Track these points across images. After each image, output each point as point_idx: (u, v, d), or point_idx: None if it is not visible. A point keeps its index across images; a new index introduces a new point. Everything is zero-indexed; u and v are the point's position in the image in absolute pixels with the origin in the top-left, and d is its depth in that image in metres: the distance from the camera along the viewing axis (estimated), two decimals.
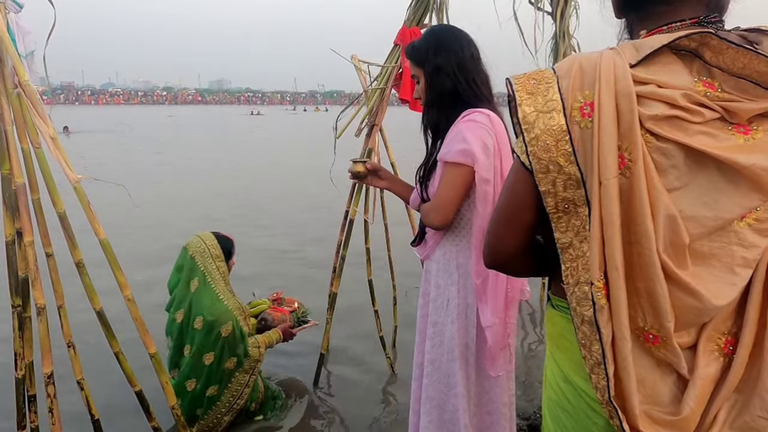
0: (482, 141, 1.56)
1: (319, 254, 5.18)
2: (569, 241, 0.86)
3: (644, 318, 0.83)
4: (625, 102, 0.78)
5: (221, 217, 7.17)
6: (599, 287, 0.81)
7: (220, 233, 2.60)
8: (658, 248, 0.78)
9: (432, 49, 1.66)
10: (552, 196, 0.85)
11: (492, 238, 0.97)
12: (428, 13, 2.61)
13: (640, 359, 0.85)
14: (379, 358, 3.22)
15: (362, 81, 2.74)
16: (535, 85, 0.86)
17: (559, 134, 0.82)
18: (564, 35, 3.60)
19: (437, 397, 1.75)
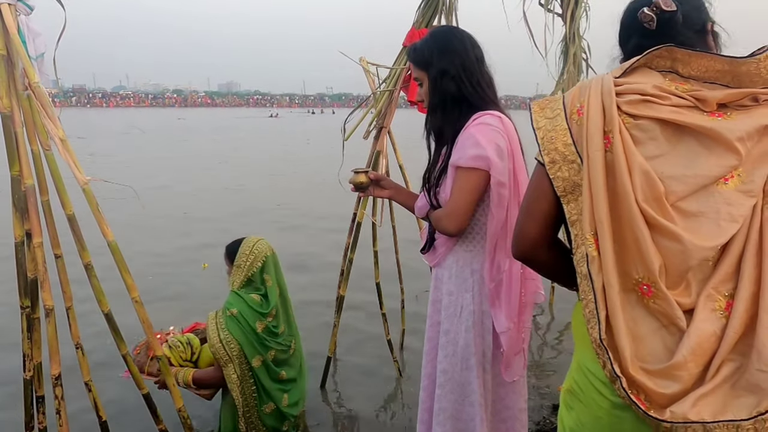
0: (496, 144, 1.54)
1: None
2: (576, 217, 1.02)
3: (637, 269, 0.93)
4: (608, 98, 0.99)
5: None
6: (591, 241, 0.96)
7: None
8: (637, 199, 0.92)
9: (436, 51, 1.62)
10: (560, 180, 1.04)
11: (517, 228, 1.12)
12: (437, 15, 2.60)
13: (643, 319, 0.94)
14: (387, 361, 3.20)
15: (371, 83, 2.73)
16: (547, 102, 1.11)
17: (562, 131, 1.04)
18: (574, 37, 3.58)
19: (451, 408, 1.71)
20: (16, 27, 1.77)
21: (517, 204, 1.56)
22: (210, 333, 2.26)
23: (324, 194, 8.52)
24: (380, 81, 2.74)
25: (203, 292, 4.39)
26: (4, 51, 1.78)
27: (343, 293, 2.92)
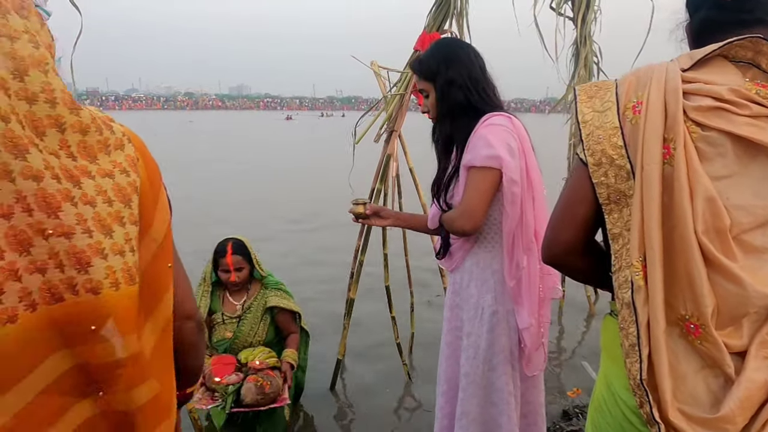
0: (507, 143, 1.55)
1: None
2: (619, 231, 0.91)
3: (684, 304, 0.83)
4: (672, 97, 0.84)
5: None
6: (638, 268, 0.85)
7: (236, 240, 2.60)
8: (696, 229, 0.80)
9: (443, 62, 1.66)
10: (604, 187, 0.91)
11: (550, 232, 1.02)
12: (448, 19, 2.61)
13: (686, 355, 0.85)
14: (396, 364, 3.20)
15: (381, 87, 2.74)
16: (596, 90, 0.95)
17: (611, 130, 0.89)
18: (585, 40, 3.56)
19: (474, 411, 1.71)
20: None
21: (531, 201, 1.59)
22: (293, 305, 2.65)
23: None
24: (391, 85, 2.75)
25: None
26: None
27: (353, 296, 2.92)
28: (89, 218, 0.96)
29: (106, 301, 0.95)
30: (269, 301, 2.60)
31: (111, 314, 0.97)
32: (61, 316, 0.91)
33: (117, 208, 1.00)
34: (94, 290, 0.94)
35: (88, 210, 0.94)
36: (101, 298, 0.94)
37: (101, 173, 0.99)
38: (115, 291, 0.96)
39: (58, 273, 0.90)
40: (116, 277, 0.97)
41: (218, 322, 2.54)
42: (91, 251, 0.94)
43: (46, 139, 0.91)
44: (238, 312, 2.57)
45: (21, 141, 0.87)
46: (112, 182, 1.01)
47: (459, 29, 2.62)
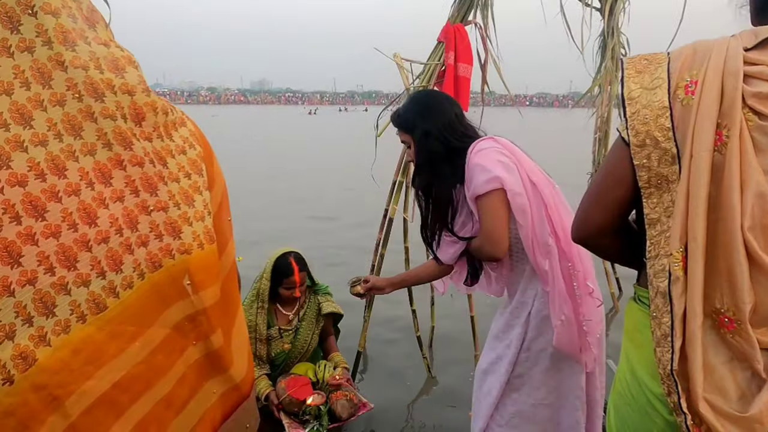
0: (499, 161, 1.61)
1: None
2: (657, 216, 0.87)
3: (721, 298, 0.81)
4: (731, 80, 0.78)
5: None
6: (677, 258, 0.82)
7: (296, 254, 2.53)
8: (742, 224, 0.77)
9: (419, 115, 1.74)
10: (645, 170, 0.86)
11: (582, 213, 0.99)
12: (473, 10, 2.57)
13: (715, 347, 0.83)
14: (416, 358, 3.20)
15: (404, 79, 2.73)
16: (647, 64, 0.88)
17: (660, 109, 0.83)
18: (613, 32, 3.48)
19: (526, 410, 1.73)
20: None
21: (542, 207, 1.61)
22: (340, 309, 2.69)
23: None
24: (414, 77, 2.73)
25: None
26: None
27: None
28: (176, 193, 1.15)
29: (197, 259, 1.16)
30: (324, 308, 2.59)
31: (199, 269, 1.17)
32: (162, 278, 1.11)
33: (194, 179, 1.20)
34: (187, 251, 1.14)
35: (174, 186, 1.14)
36: (192, 257, 1.15)
37: (178, 150, 1.18)
38: (201, 251, 1.17)
39: (158, 242, 1.10)
40: (201, 240, 1.18)
41: (274, 337, 2.50)
42: (181, 220, 1.13)
43: (144, 124, 1.10)
44: (294, 322, 2.54)
45: (126, 134, 1.06)
46: (186, 158, 1.20)
47: (483, 20, 2.59)
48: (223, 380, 1.30)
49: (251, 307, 2.46)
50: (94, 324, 0.99)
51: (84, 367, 0.98)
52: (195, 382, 1.21)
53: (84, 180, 0.99)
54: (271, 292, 2.47)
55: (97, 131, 1.01)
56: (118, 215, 1.03)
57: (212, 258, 1.21)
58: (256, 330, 2.43)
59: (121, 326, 1.03)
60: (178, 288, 1.12)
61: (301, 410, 2.31)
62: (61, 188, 0.95)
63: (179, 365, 1.16)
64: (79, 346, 0.97)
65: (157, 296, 1.09)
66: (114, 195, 1.03)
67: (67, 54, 0.98)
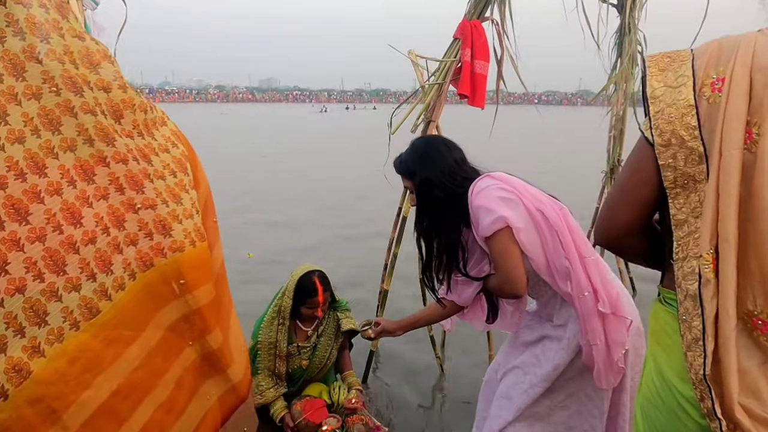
0: (499, 198, 1.60)
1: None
2: (684, 217, 0.85)
3: (754, 300, 0.79)
4: (760, 76, 0.76)
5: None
6: (708, 260, 0.79)
7: (320, 273, 2.45)
8: None
9: (418, 162, 1.76)
10: (671, 170, 0.84)
11: (607, 212, 0.97)
12: (489, 6, 2.54)
13: (747, 349, 0.81)
14: (429, 356, 3.18)
15: (419, 76, 2.70)
16: (669, 62, 0.86)
17: (686, 108, 0.81)
18: (629, 28, 3.43)
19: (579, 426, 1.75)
20: (83, 21, 1.82)
21: (553, 234, 1.60)
22: (357, 325, 2.53)
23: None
24: (429, 74, 2.70)
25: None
26: None
27: (387, 287, 2.91)
28: (163, 191, 1.11)
29: (189, 257, 1.13)
30: (343, 325, 2.55)
31: (193, 268, 1.14)
32: (154, 278, 1.08)
33: (180, 177, 1.18)
34: (180, 249, 1.11)
35: (160, 184, 1.11)
36: (185, 255, 1.12)
37: (161, 148, 1.15)
38: (194, 248, 1.15)
39: (148, 241, 1.06)
40: (192, 237, 1.15)
41: (293, 354, 2.46)
42: (171, 218, 1.10)
43: (123, 122, 1.06)
44: (312, 339, 2.50)
45: (108, 130, 1.01)
46: (170, 156, 1.17)
47: (501, 17, 2.56)
48: (220, 381, 1.27)
49: (272, 323, 2.42)
50: (89, 330, 0.95)
51: (81, 377, 0.94)
52: (193, 384, 1.19)
53: (65, 178, 0.94)
54: (293, 310, 2.42)
55: (77, 126, 0.96)
56: (104, 214, 0.99)
57: (205, 256, 1.19)
58: (277, 347, 2.40)
59: (116, 331, 1.00)
60: (172, 287, 1.10)
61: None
62: (43, 188, 0.91)
63: (176, 367, 1.14)
64: (75, 354, 0.93)
65: (149, 297, 1.07)
66: (98, 193, 0.99)
67: (41, 46, 0.93)
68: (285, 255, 5.35)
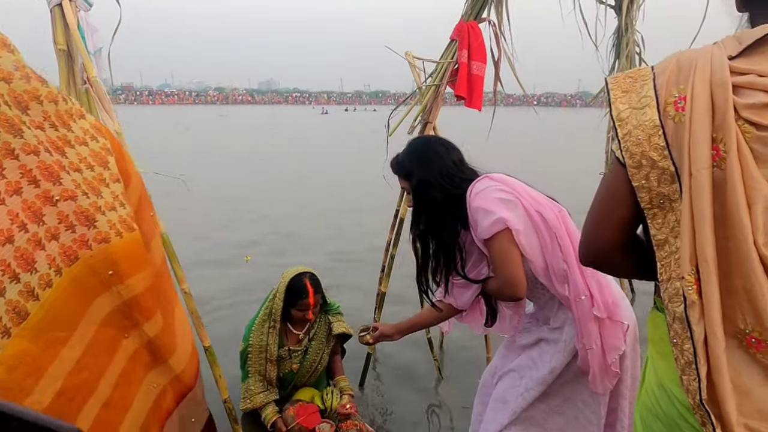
0: (498, 199, 1.59)
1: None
2: (665, 237, 0.84)
3: (744, 319, 0.77)
4: (720, 92, 0.75)
5: None
6: (690, 281, 0.78)
7: (311, 275, 2.43)
8: (756, 241, 0.73)
9: (415, 163, 1.74)
10: (646, 191, 0.83)
11: (588, 234, 0.96)
12: (486, 7, 2.53)
13: (747, 368, 0.78)
14: (426, 360, 3.16)
15: (416, 78, 2.69)
16: (631, 83, 0.86)
17: (652, 129, 0.80)
18: (627, 29, 3.43)
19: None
20: (77, 23, 1.81)
21: (552, 237, 1.59)
22: (350, 329, 2.57)
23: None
24: (426, 76, 2.70)
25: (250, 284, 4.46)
26: (65, 46, 1.83)
27: (384, 290, 2.90)
28: (81, 183, 1.08)
29: (116, 248, 1.10)
30: (335, 328, 2.53)
31: (122, 258, 1.11)
32: (81, 271, 1.04)
33: (98, 171, 1.14)
34: (105, 240, 1.07)
35: (77, 176, 1.07)
36: (112, 246, 1.09)
37: (78, 141, 1.12)
38: (120, 239, 1.12)
39: (71, 234, 1.02)
40: (118, 228, 1.12)
41: (284, 357, 2.44)
42: (93, 209, 1.07)
43: (30, 113, 1.01)
44: (304, 342, 2.48)
45: (14, 121, 0.95)
46: (88, 149, 1.13)
47: (498, 18, 2.55)
48: (164, 371, 1.24)
49: (263, 326, 2.40)
50: (22, 335, 0.91)
51: (23, 383, 0.91)
52: (138, 376, 1.16)
53: None
54: (284, 312, 2.39)
55: None
56: (18, 210, 0.93)
57: (135, 245, 1.15)
58: (267, 350, 2.38)
59: (49, 332, 0.96)
60: (101, 279, 1.06)
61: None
62: None
63: (118, 360, 1.10)
64: (13, 362, 0.89)
65: (79, 291, 1.02)
66: (9, 188, 0.92)
67: None
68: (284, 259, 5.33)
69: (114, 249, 1.08)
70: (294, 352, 2.46)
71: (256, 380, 2.40)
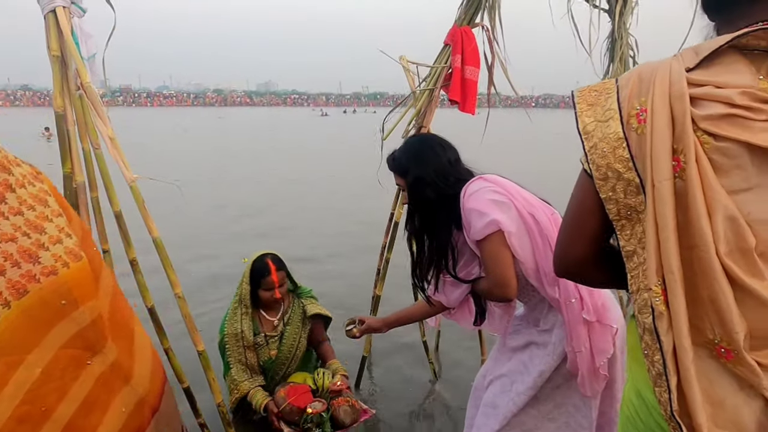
0: (491, 201, 1.59)
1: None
2: (633, 248, 0.85)
3: (712, 329, 0.77)
4: (678, 104, 0.76)
5: None
6: (657, 293, 0.79)
7: (273, 255, 2.51)
8: (718, 251, 0.74)
9: (411, 161, 1.75)
10: (613, 202, 0.84)
11: (560, 245, 0.97)
12: (480, 12, 2.55)
13: (719, 378, 0.79)
14: (422, 362, 3.17)
15: (410, 82, 2.70)
16: (596, 96, 0.87)
17: (616, 141, 0.82)
18: (621, 33, 3.44)
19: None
20: (70, 29, 1.82)
21: (543, 238, 1.60)
22: (327, 311, 2.63)
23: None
24: (420, 80, 2.71)
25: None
26: (59, 52, 1.84)
27: (380, 293, 2.91)
28: (21, 225, 1.15)
29: (65, 278, 1.15)
30: (308, 310, 2.55)
31: (74, 287, 1.16)
32: (33, 303, 1.09)
33: (39, 210, 1.21)
34: (53, 272, 1.13)
35: (18, 219, 1.15)
36: (60, 278, 1.14)
37: (18, 184, 1.19)
38: (67, 269, 1.17)
39: (17, 270, 1.09)
40: (64, 260, 1.17)
41: (260, 344, 2.47)
42: (35, 247, 1.13)
43: None
44: (279, 328, 2.51)
45: None
46: (27, 192, 1.21)
47: (491, 23, 2.56)
48: (129, 393, 1.28)
49: (235, 313, 2.43)
50: None
51: None
52: (103, 400, 1.19)
53: None
54: (253, 297, 2.44)
55: None
56: None
57: (84, 273, 1.20)
58: (243, 338, 2.40)
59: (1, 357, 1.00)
60: (55, 309, 1.11)
61: (302, 419, 2.27)
62: None
63: (82, 384, 1.14)
64: None
65: (31, 321, 1.07)
66: None
67: None
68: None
69: (63, 280, 1.14)
70: (270, 338, 2.48)
71: (238, 369, 2.42)
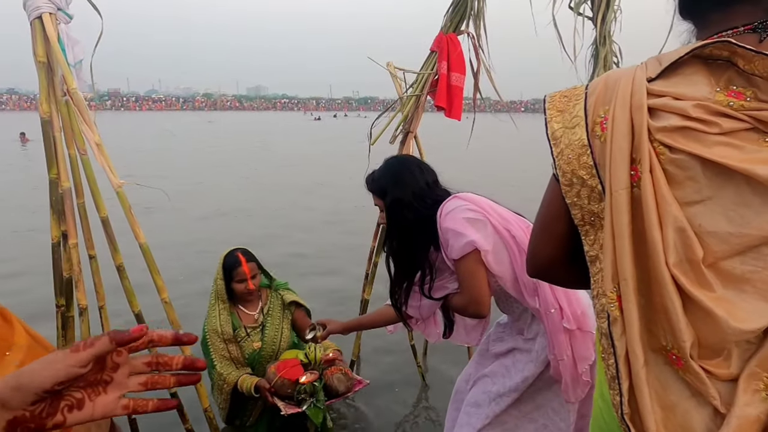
0: (466, 219, 1.62)
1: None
2: (596, 254, 0.86)
3: (665, 336, 0.78)
4: (638, 115, 0.77)
5: None
6: (612, 298, 0.80)
7: (243, 249, 2.54)
8: (667, 262, 0.75)
9: (390, 183, 1.77)
10: (578, 208, 0.86)
11: (530, 247, 1.00)
12: (465, 20, 2.59)
13: (673, 384, 0.79)
14: (410, 366, 3.19)
15: (398, 88, 2.74)
16: (566, 102, 0.88)
17: (581, 148, 0.83)
18: (605, 40, 3.50)
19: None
20: (57, 35, 1.83)
21: (515, 246, 1.63)
22: (304, 302, 2.64)
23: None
24: (407, 86, 2.74)
25: None
26: (45, 59, 1.84)
27: (368, 297, 2.92)
28: None
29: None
30: (286, 299, 2.59)
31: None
32: None
33: None
34: None
35: None
36: None
37: None
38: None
39: None
40: None
41: (243, 337, 2.48)
42: None
43: None
44: (259, 320, 2.53)
45: None
46: None
47: (476, 30, 2.60)
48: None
49: (214, 309, 2.47)
50: None
51: None
52: None
53: None
54: (229, 292, 2.48)
55: None
56: None
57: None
58: (223, 333, 2.43)
59: None
60: None
61: (295, 390, 2.26)
62: None
63: None
64: None
65: None
66: None
67: None
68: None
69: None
70: (252, 329, 2.51)
71: (223, 364, 2.44)
